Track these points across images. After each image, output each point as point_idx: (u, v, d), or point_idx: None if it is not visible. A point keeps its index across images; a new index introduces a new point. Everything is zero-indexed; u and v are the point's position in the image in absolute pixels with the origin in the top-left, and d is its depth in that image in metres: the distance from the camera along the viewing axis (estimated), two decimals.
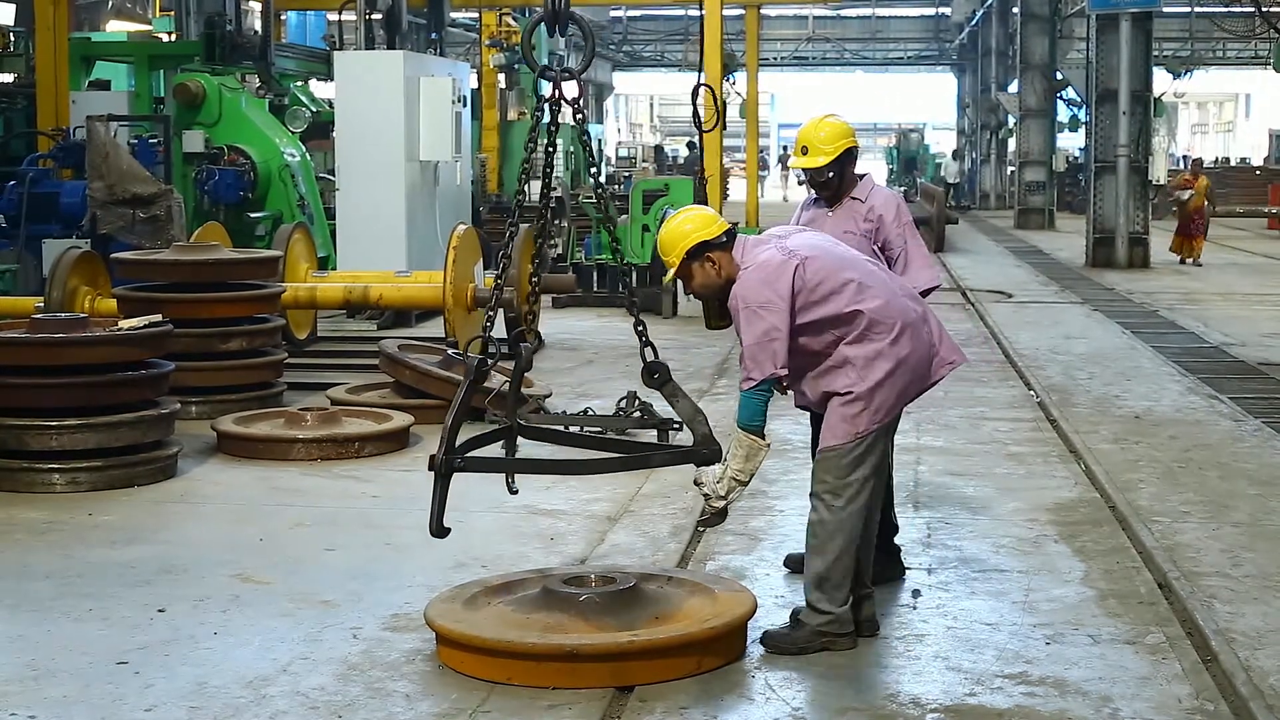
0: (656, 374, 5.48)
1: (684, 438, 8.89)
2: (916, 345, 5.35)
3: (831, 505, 5.33)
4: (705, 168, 14.61)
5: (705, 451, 5.37)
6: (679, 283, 5.55)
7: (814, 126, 6.32)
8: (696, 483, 5.38)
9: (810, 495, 5.42)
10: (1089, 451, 8.76)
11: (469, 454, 5.39)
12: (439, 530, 5.29)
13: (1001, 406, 10.47)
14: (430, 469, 5.28)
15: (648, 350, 5.48)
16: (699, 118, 12.89)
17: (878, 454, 5.37)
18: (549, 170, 5.58)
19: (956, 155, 48.78)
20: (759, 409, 5.24)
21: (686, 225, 5.38)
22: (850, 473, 5.31)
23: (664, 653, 5.02)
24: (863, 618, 5.47)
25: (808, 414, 6.36)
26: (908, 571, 6.31)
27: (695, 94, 12.83)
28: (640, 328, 5.54)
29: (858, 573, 5.46)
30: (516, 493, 5.79)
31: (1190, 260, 23.07)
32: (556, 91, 5.54)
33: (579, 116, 5.59)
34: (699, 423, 5.41)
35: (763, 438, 5.27)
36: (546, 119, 5.56)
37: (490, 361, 5.46)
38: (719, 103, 13.40)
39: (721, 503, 5.32)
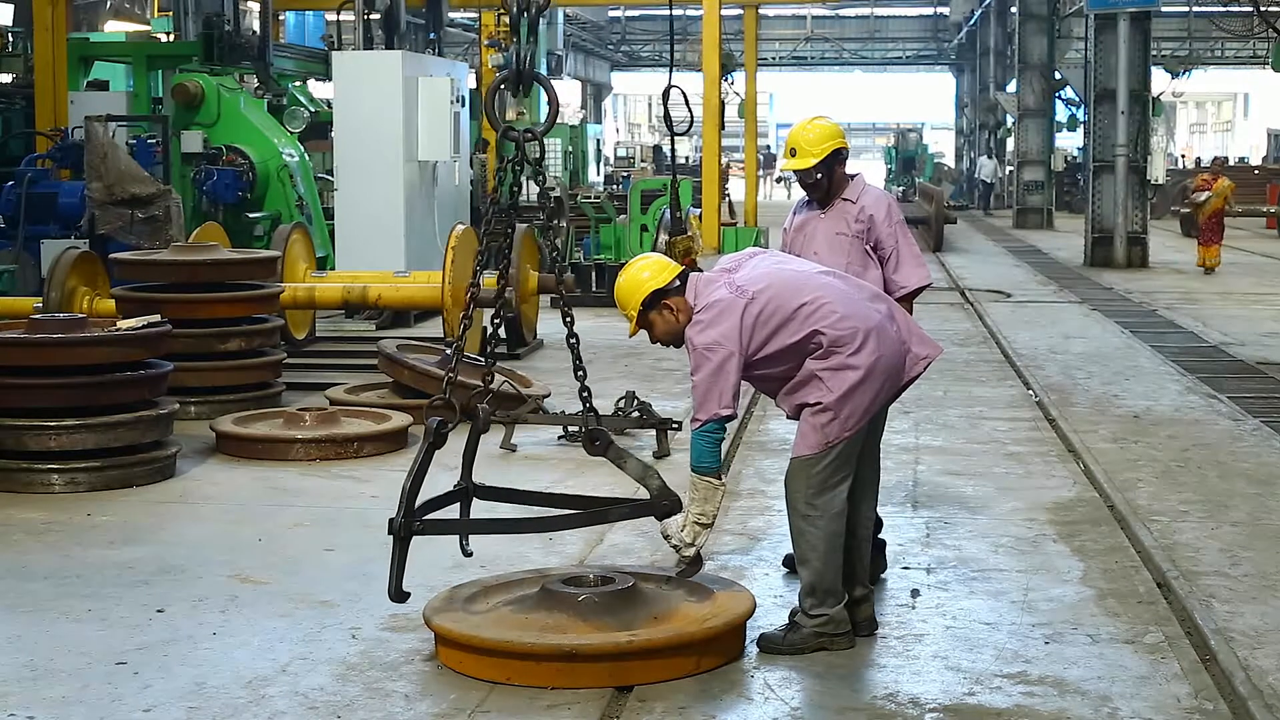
0: (598, 440, 5.46)
1: (683, 437, 8.91)
2: (884, 348, 5.31)
3: (808, 515, 5.32)
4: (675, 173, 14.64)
5: (664, 504, 5.37)
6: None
7: (802, 129, 6.33)
8: (664, 535, 5.39)
9: (787, 506, 5.42)
10: (1088, 451, 8.76)
11: (428, 517, 5.33)
12: (398, 595, 5.21)
13: (1000, 406, 10.47)
14: (389, 532, 5.23)
15: (591, 416, 5.50)
16: (670, 120, 12.87)
17: (851, 460, 5.36)
18: (510, 232, 5.55)
19: (993, 153, 44.99)
20: (707, 450, 5.24)
21: (643, 274, 5.37)
22: (824, 480, 5.30)
23: (663, 652, 5.02)
24: (861, 618, 5.47)
25: None
26: (906, 570, 6.32)
27: (666, 96, 12.79)
28: (585, 393, 5.53)
29: (856, 572, 5.47)
30: (470, 554, 5.75)
31: (1206, 268, 21.40)
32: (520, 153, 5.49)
33: (543, 180, 5.55)
34: (651, 478, 5.42)
35: (718, 478, 5.27)
36: (510, 180, 5.51)
37: (450, 425, 5.39)
38: (690, 106, 13.41)
39: (692, 550, 5.33)
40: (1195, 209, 22.03)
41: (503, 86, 5.73)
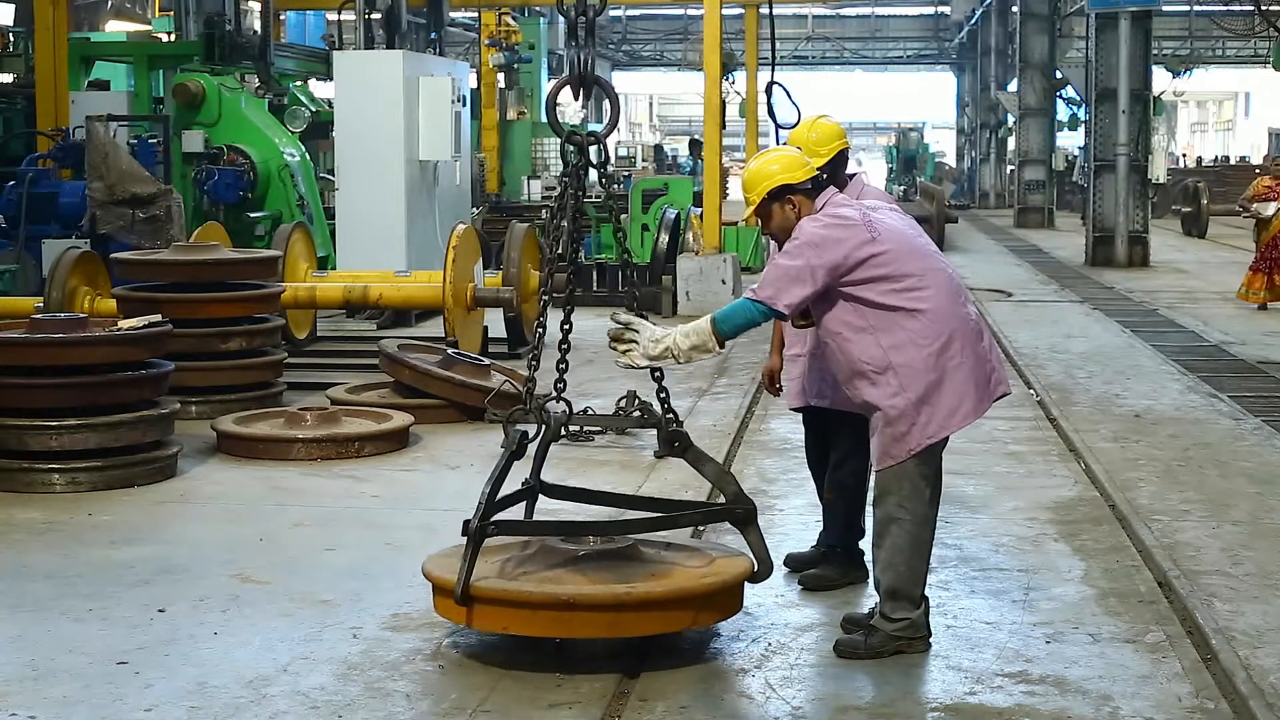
0: (677, 442, 5.41)
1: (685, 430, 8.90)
2: (967, 358, 5.22)
3: (900, 519, 5.25)
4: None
5: (739, 510, 5.36)
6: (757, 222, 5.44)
7: (806, 128, 6.31)
8: (630, 327, 5.20)
9: (876, 510, 5.36)
10: (1089, 450, 8.75)
11: (500, 519, 5.27)
12: (464, 598, 5.05)
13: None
14: (463, 534, 5.13)
15: (669, 417, 5.40)
16: (774, 115, 12.80)
17: (935, 465, 5.33)
18: (577, 243, 5.52)
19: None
20: (740, 323, 5.17)
21: (772, 166, 5.34)
22: (915, 487, 5.26)
23: (660, 605, 5.07)
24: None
25: (800, 414, 6.37)
26: None
27: (769, 90, 12.76)
28: (663, 394, 5.44)
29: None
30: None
31: (1256, 302, 16.52)
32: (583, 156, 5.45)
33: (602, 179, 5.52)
34: (727, 482, 5.44)
35: (722, 345, 5.21)
36: (573, 187, 5.47)
37: (529, 436, 5.37)
38: (794, 100, 13.23)
39: (646, 362, 5.20)
40: (1260, 226, 16.97)
41: (564, 89, 5.66)
